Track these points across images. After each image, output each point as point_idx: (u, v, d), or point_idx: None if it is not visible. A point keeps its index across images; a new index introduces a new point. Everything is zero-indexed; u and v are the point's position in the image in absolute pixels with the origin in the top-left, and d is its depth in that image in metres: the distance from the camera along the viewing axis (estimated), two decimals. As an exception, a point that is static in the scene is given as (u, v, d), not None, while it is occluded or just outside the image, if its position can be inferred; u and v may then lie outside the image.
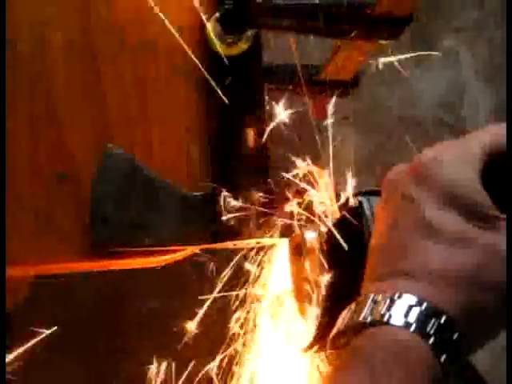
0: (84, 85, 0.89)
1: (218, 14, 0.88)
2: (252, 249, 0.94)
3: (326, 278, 0.79)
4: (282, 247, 0.92)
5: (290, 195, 0.89)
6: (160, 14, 0.89)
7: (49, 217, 0.88)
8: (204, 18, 0.89)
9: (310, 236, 0.84)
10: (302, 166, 0.88)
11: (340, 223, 0.80)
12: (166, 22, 0.89)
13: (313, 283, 0.83)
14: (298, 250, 0.87)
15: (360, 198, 0.78)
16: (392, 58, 1.00)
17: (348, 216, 0.78)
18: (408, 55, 0.98)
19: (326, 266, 0.80)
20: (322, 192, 0.85)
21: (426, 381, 0.61)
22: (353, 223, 0.77)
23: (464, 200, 0.65)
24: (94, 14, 0.89)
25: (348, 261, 0.77)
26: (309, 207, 0.86)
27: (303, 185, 0.87)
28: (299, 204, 0.87)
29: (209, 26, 0.88)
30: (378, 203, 0.72)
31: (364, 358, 0.62)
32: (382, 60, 0.98)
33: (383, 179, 0.71)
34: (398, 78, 1.42)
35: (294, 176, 0.88)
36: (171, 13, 0.90)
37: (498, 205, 0.66)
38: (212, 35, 0.88)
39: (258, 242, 0.93)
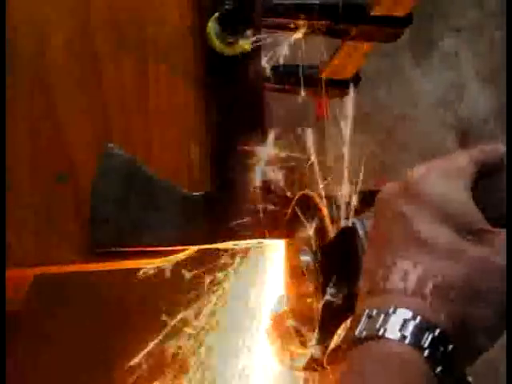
0: (84, 85, 0.89)
1: (217, 14, 0.88)
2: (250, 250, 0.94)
3: (321, 298, 0.80)
4: (280, 252, 0.92)
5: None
6: (160, 13, 0.89)
7: (49, 217, 0.88)
8: (204, 18, 0.89)
9: (306, 258, 0.85)
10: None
11: (334, 244, 0.81)
12: (166, 21, 0.89)
13: (309, 304, 0.83)
14: (295, 272, 0.88)
15: (353, 220, 0.79)
16: (392, 58, 1.00)
17: (341, 237, 0.79)
18: (408, 55, 0.98)
19: (321, 286, 0.81)
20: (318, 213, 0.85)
21: None
22: (347, 243, 0.78)
23: (454, 214, 0.66)
24: (94, 14, 0.89)
25: (343, 280, 0.78)
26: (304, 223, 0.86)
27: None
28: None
29: (209, 26, 0.88)
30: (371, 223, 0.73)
31: (360, 371, 0.63)
32: (382, 60, 0.98)
33: (376, 198, 0.72)
34: (398, 78, 1.42)
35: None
36: (171, 12, 0.90)
37: (488, 217, 0.67)
38: (212, 35, 0.88)
39: (259, 242, 0.93)
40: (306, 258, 0.85)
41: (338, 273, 0.79)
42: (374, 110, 1.35)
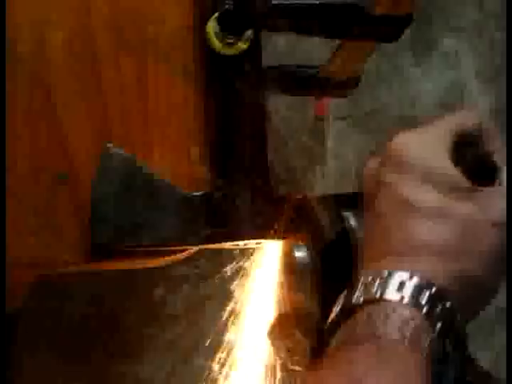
0: (84, 85, 0.89)
1: (217, 14, 0.88)
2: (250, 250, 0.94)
3: (320, 299, 0.80)
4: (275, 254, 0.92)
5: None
6: (160, 13, 0.89)
7: (49, 217, 0.88)
8: (204, 18, 0.89)
9: (300, 254, 0.85)
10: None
11: (331, 244, 0.81)
12: (166, 21, 0.89)
13: (308, 305, 0.83)
14: (293, 273, 0.88)
15: (351, 222, 0.79)
16: (392, 58, 1.00)
17: (339, 237, 0.79)
18: (408, 55, 0.98)
19: (319, 286, 0.81)
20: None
21: (427, 351, 0.62)
22: (344, 243, 0.78)
23: (438, 176, 0.68)
24: (94, 14, 0.89)
25: (341, 280, 0.78)
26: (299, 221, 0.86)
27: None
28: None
29: (209, 26, 0.88)
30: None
31: (366, 334, 0.63)
32: (382, 60, 0.98)
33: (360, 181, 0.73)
34: (398, 78, 1.42)
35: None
36: (171, 13, 0.90)
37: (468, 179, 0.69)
38: (212, 35, 0.88)
39: (259, 243, 0.93)
40: (303, 259, 0.85)
41: (336, 273, 0.79)
42: (374, 109, 1.35)
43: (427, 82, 1.47)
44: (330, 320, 0.69)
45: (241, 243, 0.92)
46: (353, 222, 0.78)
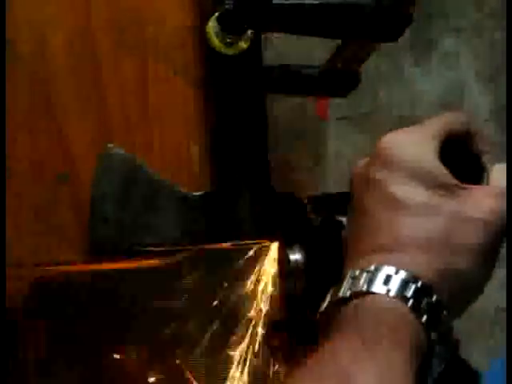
0: (84, 85, 0.89)
1: (217, 14, 0.88)
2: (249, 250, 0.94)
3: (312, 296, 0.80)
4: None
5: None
6: (160, 13, 0.89)
7: (49, 217, 0.88)
8: (204, 18, 0.89)
9: (294, 256, 0.85)
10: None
11: (319, 235, 0.81)
12: (166, 21, 0.89)
13: (299, 303, 0.84)
14: (283, 270, 0.88)
15: (341, 218, 0.79)
16: (392, 58, 1.00)
17: (326, 228, 0.79)
18: (408, 55, 0.98)
19: (309, 282, 0.81)
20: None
21: (412, 343, 0.63)
22: (332, 235, 0.78)
23: (425, 174, 0.70)
24: (94, 14, 0.89)
25: (331, 275, 0.78)
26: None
27: None
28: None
29: (209, 25, 0.88)
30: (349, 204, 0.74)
31: (352, 325, 0.64)
32: (382, 60, 0.98)
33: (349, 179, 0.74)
34: (398, 78, 1.42)
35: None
36: (171, 13, 0.90)
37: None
38: (212, 35, 0.88)
39: (258, 243, 0.93)
40: (296, 261, 0.86)
41: (329, 274, 0.79)
42: (374, 109, 1.35)
43: (427, 82, 1.47)
44: (318, 314, 0.70)
45: (241, 243, 0.92)
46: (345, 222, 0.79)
